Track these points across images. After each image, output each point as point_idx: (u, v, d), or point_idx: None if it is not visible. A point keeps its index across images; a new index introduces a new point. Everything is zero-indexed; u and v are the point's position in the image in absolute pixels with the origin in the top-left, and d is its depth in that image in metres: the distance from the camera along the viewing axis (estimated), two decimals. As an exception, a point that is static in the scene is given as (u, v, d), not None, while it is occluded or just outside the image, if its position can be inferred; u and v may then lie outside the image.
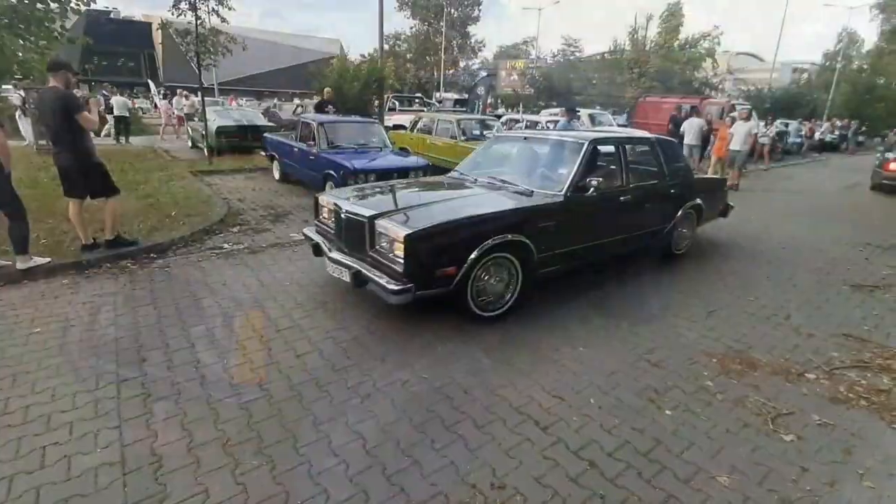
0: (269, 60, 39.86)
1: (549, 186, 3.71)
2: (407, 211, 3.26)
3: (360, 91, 10.83)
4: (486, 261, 3.15)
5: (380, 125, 8.09)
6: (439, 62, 32.84)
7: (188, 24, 9.06)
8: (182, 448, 2.09)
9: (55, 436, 2.13)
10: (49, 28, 5.58)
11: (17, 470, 1.94)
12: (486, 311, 3.31)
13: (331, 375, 2.68)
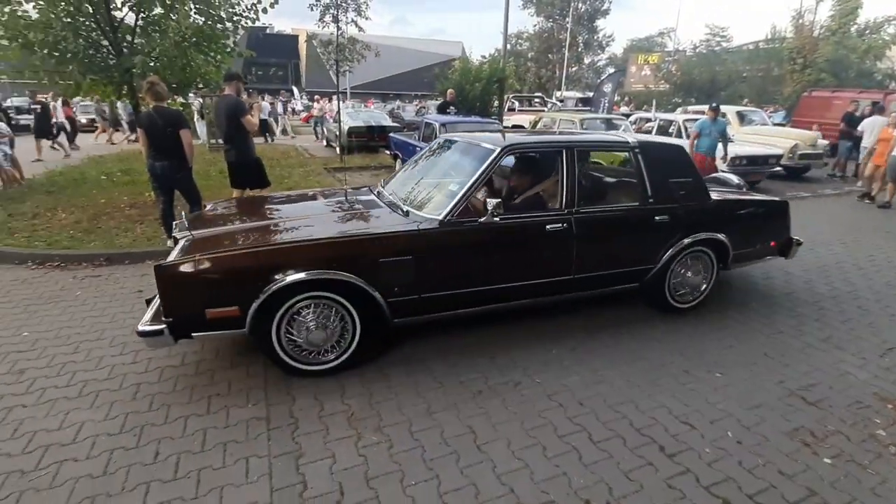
0: (394, 65, 42.72)
1: (433, 208, 2.86)
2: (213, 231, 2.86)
3: (481, 92, 11.06)
4: (297, 301, 2.52)
5: (499, 125, 8.17)
6: (562, 60, 31.94)
7: (331, 35, 10.15)
8: (314, 415, 2.37)
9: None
10: (224, 44, 6.68)
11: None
12: (306, 363, 2.67)
13: (443, 368, 2.79)
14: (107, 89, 6.07)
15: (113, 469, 2.02)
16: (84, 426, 2.28)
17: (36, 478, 1.97)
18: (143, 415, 2.36)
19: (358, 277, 2.56)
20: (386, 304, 2.66)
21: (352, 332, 2.72)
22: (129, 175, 8.04)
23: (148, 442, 2.18)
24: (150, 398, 2.49)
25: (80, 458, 2.08)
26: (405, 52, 44.01)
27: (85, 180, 7.69)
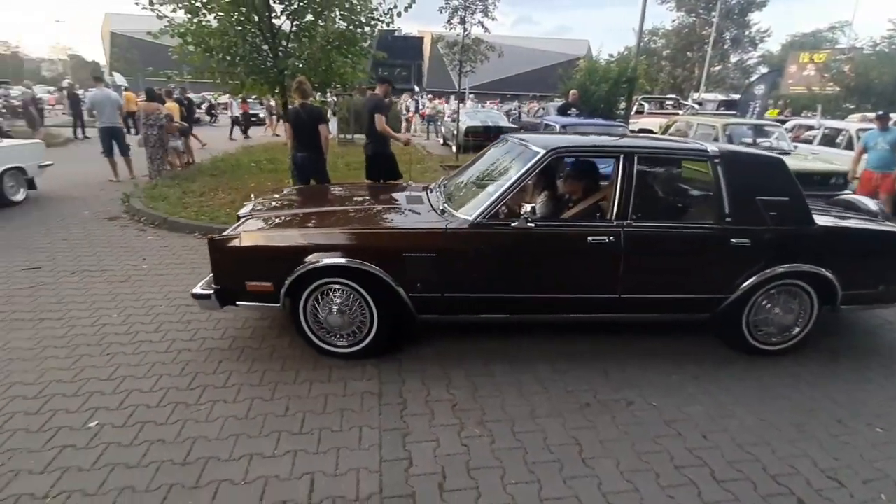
0: (515, 65, 42.79)
1: (468, 209, 2.82)
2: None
3: (607, 92, 10.59)
4: (320, 286, 2.70)
5: (624, 128, 7.75)
6: (703, 58, 29.09)
7: (457, 37, 10.51)
8: (421, 399, 2.51)
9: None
10: (361, 47, 7.31)
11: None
12: (328, 343, 2.85)
13: (549, 374, 2.76)
14: (263, 88, 7.03)
15: (253, 415, 2.36)
16: (232, 375, 2.70)
17: (195, 411, 2.39)
18: (277, 373, 2.72)
19: (379, 268, 2.63)
20: (409, 299, 2.70)
21: (370, 322, 2.78)
22: (273, 164, 9.22)
23: (280, 397, 2.50)
24: (282, 360, 2.85)
25: (229, 400, 2.47)
26: (527, 51, 43.78)
27: (239, 166, 9.01)
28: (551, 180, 3.50)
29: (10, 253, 4.59)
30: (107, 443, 2.17)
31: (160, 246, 4.97)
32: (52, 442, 2.17)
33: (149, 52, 33.66)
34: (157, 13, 6.48)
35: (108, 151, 8.03)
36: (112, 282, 4.00)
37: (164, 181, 7.52)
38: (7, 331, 3.15)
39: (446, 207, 2.96)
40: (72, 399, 2.48)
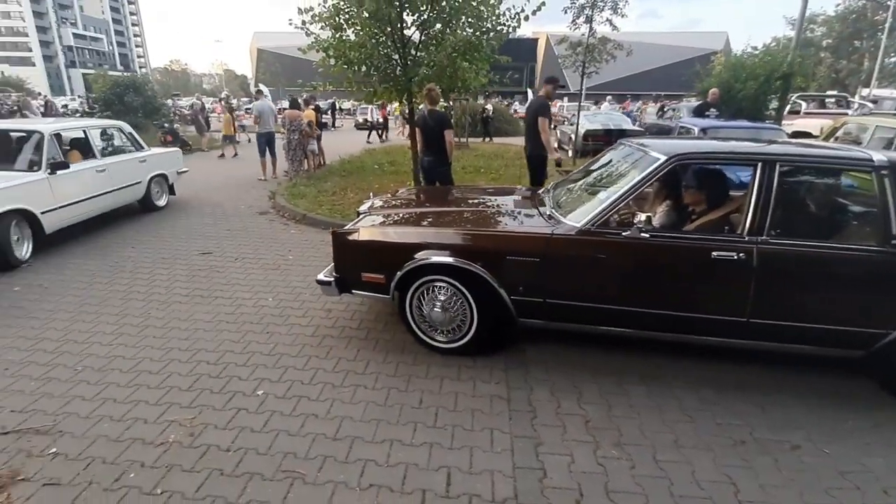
0: (638, 63, 40.28)
1: (578, 215, 2.77)
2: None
3: (755, 90, 9.46)
4: (426, 282, 2.89)
5: (782, 132, 6.86)
6: (874, 48, 24.57)
7: (582, 36, 10.20)
8: (551, 410, 2.49)
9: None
10: (486, 52, 7.44)
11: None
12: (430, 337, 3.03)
13: (694, 402, 2.55)
14: (393, 95, 7.52)
15: (391, 403, 2.54)
16: (370, 363, 2.94)
17: (341, 392, 2.65)
18: (409, 366, 2.89)
19: (483, 269, 2.74)
20: (510, 302, 2.77)
21: (470, 321, 2.89)
22: (394, 166, 9.84)
23: (414, 390, 2.66)
24: (413, 354, 3.03)
25: (368, 386, 2.70)
26: (651, 48, 40.97)
27: (363, 168, 9.77)
28: (672, 189, 3.24)
29: (190, 241, 5.52)
30: (271, 411, 2.50)
31: (301, 239, 5.59)
32: (230, 403, 2.57)
33: (289, 66, 38.30)
34: (305, 31, 7.30)
35: (262, 153, 9.25)
36: (266, 269, 4.60)
37: (302, 181, 8.45)
38: (191, 304, 3.80)
39: (553, 213, 2.96)
40: (242, 368, 2.90)
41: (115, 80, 17.07)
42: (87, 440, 2.29)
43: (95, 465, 2.13)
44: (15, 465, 2.13)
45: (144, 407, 2.54)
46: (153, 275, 4.43)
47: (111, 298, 3.90)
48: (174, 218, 6.55)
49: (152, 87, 17.72)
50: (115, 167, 6.00)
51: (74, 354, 3.05)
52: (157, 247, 5.27)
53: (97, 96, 17.25)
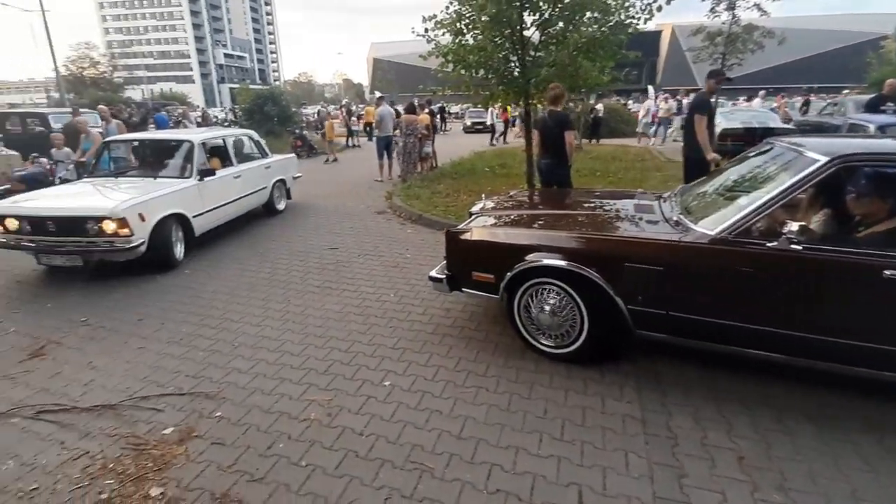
0: (785, 52, 35.52)
1: (711, 221, 2.55)
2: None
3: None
4: (536, 284, 2.89)
5: None
6: None
7: (722, 25, 9.25)
8: (696, 439, 2.26)
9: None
10: (613, 49, 7.07)
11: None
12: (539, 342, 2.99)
13: (879, 451, 2.13)
14: (510, 97, 7.52)
15: (514, 409, 2.51)
16: (490, 366, 2.94)
17: (463, 392, 2.68)
18: (531, 373, 2.84)
19: (598, 275, 2.64)
20: (627, 311, 2.62)
21: (579, 328, 2.80)
22: (505, 168, 9.83)
23: (537, 398, 2.60)
24: (534, 361, 2.97)
25: (490, 389, 2.70)
26: (803, 33, 35.70)
27: (474, 171, 9.91)
28: (832, 195, 2.70)
29: (319, 237, 6.06)
30: (398, 402, 2.62)
31: (418, 239, 5.83)
32: (361, 390, 2.75)
33: (402, 73, 40.57)
34: (426, 38, 7.61)
35: (380, 155, 9.87)
36: (386, 266, 4.87)
37: (416, 183, 8.82)
38: (323, 295, 4.15)
39: (681, 219, 2.76)
40: (369, 359, 3.09)
41: (257, 93, 19.49)
42: (244, 408, 2.60)
43: (252, 432, 2.41)
44: (190, 422, 2.50)
45: (288, 385, 2.82)
46: (290, 266, 4.94)
47: (258, 285, 4.42)
48: (304, 215, 7.25)
49: (286, 98, 19.91)
50: (247, 173, 6.35)
51: (231, 332, 3.50)
52: (292, 241, 5.87)
53: (242, 107, 19.87)
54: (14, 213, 4.45)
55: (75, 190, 5.15)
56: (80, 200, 4.64)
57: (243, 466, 2.18)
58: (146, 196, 4.62)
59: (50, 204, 4.60)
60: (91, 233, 4.28)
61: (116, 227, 4.26)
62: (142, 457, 2.24)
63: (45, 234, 4.36)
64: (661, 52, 40.03)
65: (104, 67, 38.35)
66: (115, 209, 4.26)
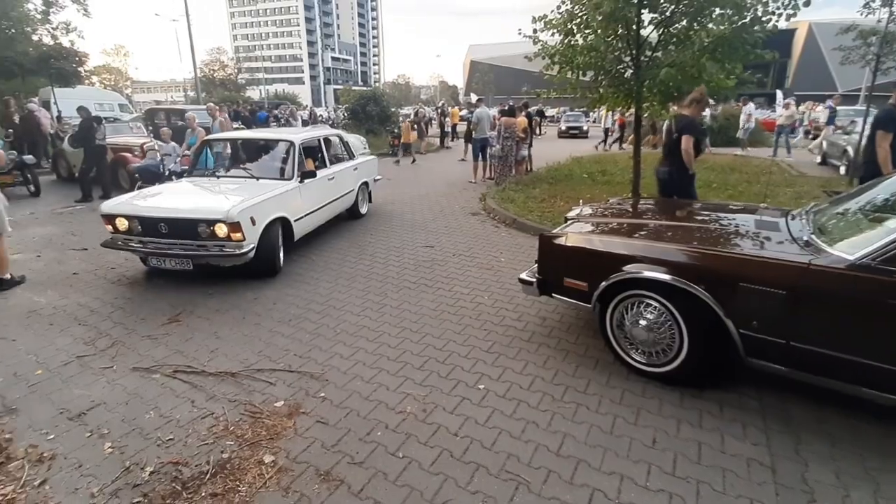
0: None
1: (850, 245, 2.25)
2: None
3: None
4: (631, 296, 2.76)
5: None
6: None
7: (877, 23, 8.05)
8: (837, 499, 1.96)
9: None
10: (746, 49, 6.44)
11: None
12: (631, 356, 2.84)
13: None
14: (619, 100, 7.17)
15: (618, 433, 2.37)
16: (591, 383, 2.80)
17: (561, 407, 2.58)
18: (637, 397, 2.66)
19: (707, 293, 2.46)
20: (738, 336, 2.41)
21: (677, 348, 2.63)
22: (606, 176, 9.41)
23: (645, 425, 2.42)
24: (642, 384, 2.78)
25: (591, 408, 2.57)
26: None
27: (572, 177, 9.61)
28: None
29: (414, 234, 6.24)
30: (492, 407, 2.59)
31: (512, 243, 5.77)
32: (455, 390, 2.76)
33: (500, 75, 40.75)
34: (534, 39, 7.51)
35: (476, 157, 9.96)
36: (480, 268, 4.87)
37: (510, 186, 8.75)
38: (419, 291, 4.26)
39: (813, 239, 2.51)
40: (463, 360, 3.10)
41: (361, 94, 20.67)
42: (345, 392, 2.74)
43: (352, 416, 2.53)
44: (298, 399, 2.69)
45: (386, 375, 2.92)
46: (388, 260, 5.14)
47: (357, 276, 4.66)
48: (400, 212, 7.51)
49: (386, 99, 20.89)
50: (339, 175, 6.12)
51: (333, 318, 3.72)
52: (389, 236, 6.11)
53: (347, 106, 21.20)
54: (125, 213, 4.27)
55: (182, 189, 4.97)
56: (193, 202, 4.50)
57: (345, 448, 2.29)
58: (256, 199, 4.35)
59: (162, 204, 4.44)
60: (203, 236, 4.11)
61: (229, 230, 4.04)
62: (257, 424, 2.45)
63: (155, 235, 4.21)
64: (793, 53, 35.76)
65: (231, 70, 43.04)
66: (230, 212, 4.01)
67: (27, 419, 2.51)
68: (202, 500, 1.99)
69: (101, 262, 5.03)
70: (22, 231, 6.18)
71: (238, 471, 2.14)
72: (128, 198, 4.68)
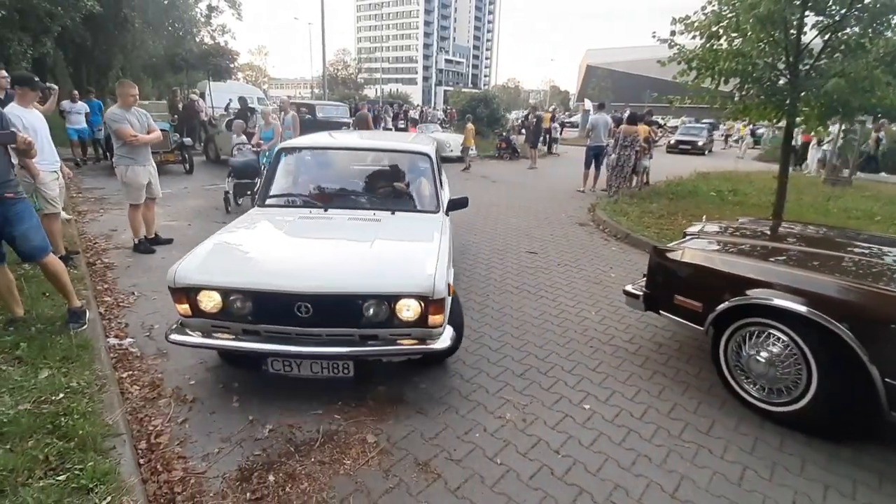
0: None
1: None
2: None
3: None
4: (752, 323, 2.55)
5: None
6: None
7: None
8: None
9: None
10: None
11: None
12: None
13: None
14: (766, 111, 6.43)
15: (748, 487, 2.10)
16: (715, 424, 2.52)
17: (678, 445, 2.35)
18: (773, 450, 2.34)
19: (850, 333, 2.16)
20: (883, 386, 2.10)
21: (803, 388, 2.37)
22: (737, 196, 8.51)
23: (782, 485, 2.12)
24: (780, 436, 2.44)
25: (716, 452, 2.31)
26: None
27: (696, 193, 8.83)
28: None
29: (519, 239, 6.16)
30: (598, 431, 2.44)
31: (624, 258, 5.44)
32: (557, 405, 2.65)
33: (618, 81, 38.80)
34: (669, 42, 7.00)
35: (587, 165, 9.59)
36: (587, 281, 4.66)
37: (623, 198, 8.28)
38: (521, 297, 4.18)
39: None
40: (567, 375, 2.97)
41: (472, 95, 21.05)
42: (444, 389, 2.77)
43: (450, 413, 2.54)
44: (399, 385, 2.76)
45: (485, 377, 2.90)
46: (490, 263, 5.12)
47: (459, 275, 4.70)
48: (505, 216, 7.46)
49: (497, 102, 21.01)
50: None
51: (436, 313, 3.78)
52: (491, 238, 6.10)
53: (459, 108, 21.72)
54: (221, 285, 2.37)
55: (296, 230, 3.00)
56: (343, 259, 2.62)
57: (442, 443, 2.31)
58: (443, 253, 2.66)
59: (289, 265, 2.51)
60: (372, 320, 2.37)
61: (427, 310, 2.35)
62: (361, 405, 2.57)
63: (282, 320, 2.37)
64: None
65: (352, 70, 46.28)
66: (435, 282, 2.32)
67: (175, 363, 2.89)
68: (312, 464, 2.13)
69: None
70: (178, 202, 7.20)
71: (344, 445, 2.26)
72: (212, 247, 2.68)
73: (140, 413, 2.43)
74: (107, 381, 2.54)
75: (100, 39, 18.07)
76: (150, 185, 4.91)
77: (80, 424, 2.12)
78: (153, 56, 21.64)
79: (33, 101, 4.05)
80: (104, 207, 6.71)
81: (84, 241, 5.15)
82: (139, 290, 3.96)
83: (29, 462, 1.90)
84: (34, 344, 2.78)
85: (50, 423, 2.13)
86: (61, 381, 2.44)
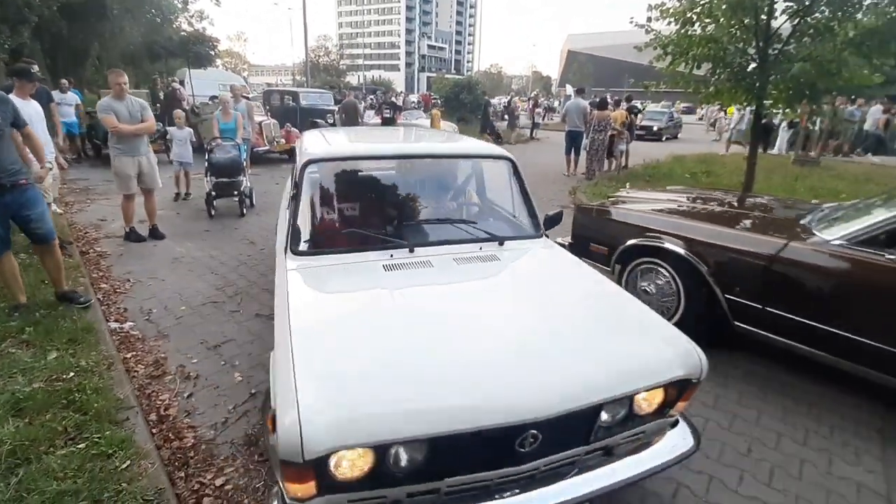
0: None
1: (834, 230, 2.61)
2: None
3: None
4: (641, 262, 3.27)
5: None
6: None
7: None
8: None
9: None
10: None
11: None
12: None
13: None
14: (737, 95, 6.64)
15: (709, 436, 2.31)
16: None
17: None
18: (733, 405, 2.56)
19: (698, 259, 2.90)
20: (724, 300, 2.81)
21: (675, 307, 3.08)
22: (710, 177, 8.78)
23: (738, 433, 2.34)
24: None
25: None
26: None
27: (671, 176, 9.07)
28: None
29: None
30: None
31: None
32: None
33: (599, 66, 38.98)
34: (646, 28, 7.14)
35: (567, 150, 9.76)
36: (569, 260, 4.85)
37: (602, 181, 8.49)
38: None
39: (808, 225, 2.84)
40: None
41: (456, 82, 20.99)
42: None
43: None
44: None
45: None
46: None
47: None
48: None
49: (480, 88, 21.00)
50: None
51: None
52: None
53: (441, 95, 21.66)
54: (379, 441, 1.31)
55: (427, 311, 1.81)
56: (555, 355, 1.57)
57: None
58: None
59: (490, 384, 1.42)
60: (605, 428, 1.59)
61: (671, 397, 1.68)
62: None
63: (471, 463, 1.43)
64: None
65: (334, 56, 45.50)
66: (693, 356, 1.65)
67: (176, 344, 3.00)
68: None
69: (227, 224, 5.73)
70: (163, 191, 7.16)
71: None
72: (320, 373, 1.48)
73: (147, 389, 2.55)
74: (113, 360, 2.65)
75: (76, 28, 17.55)
76: (144, 176, 4.78)
77: (93, 399, 2.23)
78: (131, 44, 21.08)
79: (30, 92, 4.10)
80: (91, 198, 6.67)
81: (74, 230, 5.16)
82: (134, 277, 4.02)
83: (49, 433, 2.02)
84: (39, 328, 2.86)
85: (64, 398, 2.24)
86: (70, 361, 2.54)
